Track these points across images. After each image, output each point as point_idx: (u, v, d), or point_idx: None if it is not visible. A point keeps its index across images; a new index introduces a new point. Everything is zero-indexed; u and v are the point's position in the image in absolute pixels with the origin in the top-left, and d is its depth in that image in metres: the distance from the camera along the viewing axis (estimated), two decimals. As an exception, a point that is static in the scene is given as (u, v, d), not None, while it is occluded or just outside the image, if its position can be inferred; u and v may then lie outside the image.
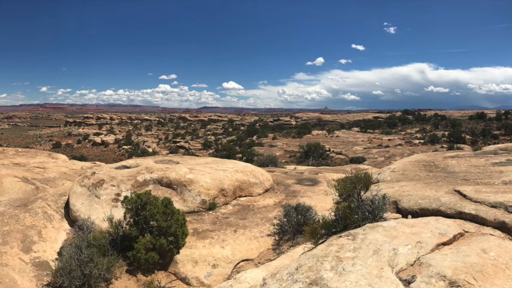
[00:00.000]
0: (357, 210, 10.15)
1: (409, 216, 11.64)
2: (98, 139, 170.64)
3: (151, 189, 17.05)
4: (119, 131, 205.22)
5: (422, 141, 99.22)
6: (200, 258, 14.65)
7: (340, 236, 9.19)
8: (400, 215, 12.13)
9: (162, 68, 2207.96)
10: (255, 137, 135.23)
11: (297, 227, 14.90)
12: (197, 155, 66.71)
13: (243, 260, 14.60)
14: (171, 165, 21.46)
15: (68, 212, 18.63)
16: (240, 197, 19.91)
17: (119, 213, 15.75)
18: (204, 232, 16.02)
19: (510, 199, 10.53)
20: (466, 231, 9.23)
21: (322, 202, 17.34)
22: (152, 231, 14.48)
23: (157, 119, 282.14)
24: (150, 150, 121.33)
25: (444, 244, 8.25)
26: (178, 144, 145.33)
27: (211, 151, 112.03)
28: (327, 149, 79.05)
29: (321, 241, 9.98)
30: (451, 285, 6.60)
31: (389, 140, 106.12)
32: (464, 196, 11.68)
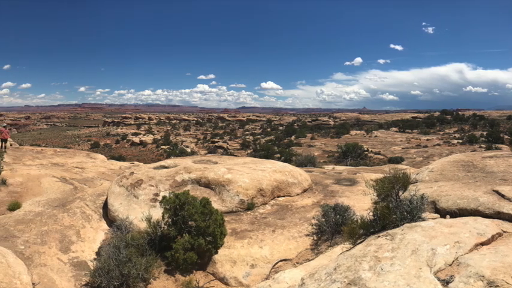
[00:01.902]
0: (395, 210, 10.28)
1: (448, 216, 11.73)
2: (136, 139, 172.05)
3: (189, 189, 17.42)
4: (157, 131, 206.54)
5: (460, 141, 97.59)
6: (238, 258, 14.94)
7: (379, 236, 9.35)
8: (439, 215, 12.23)
9: (200, 68, 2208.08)
10: (293, 137, 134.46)
11: (335, 227, 15.09)
12: (235, 155, 67.16)
13: (281, 260, 14.83)
14: (210, 165, 21.80)
15: (106, 212, 19.10)
16: (278, 197, 20.12)
17: (157, 213, 16.15)
18: (243, 232, 16.30)
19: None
20: (505, 231, 9.27)
21: (361, 202, 17.41)
22: (190, 231, 14.82)
23: (196, 119, 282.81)
24: (189, 150, 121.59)
25: (482, 244, 8.34)
26: (216, 144, 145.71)
27: (249, 151, 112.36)
28: (365, 149, 78.30)
29: (359, 241, 10.14)
30: (490, 285, 6.71)
31: (427, 140, 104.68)
32: (503, 196, 11.73)
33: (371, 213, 10.78)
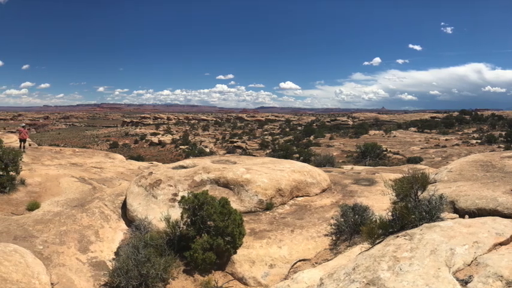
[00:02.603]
0: (414, 210, 10.32)
1: (466, 216, 11.76)
2: (155, 139, 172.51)
3: (208, 189, 17.58)
4: (176, 131, 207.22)
5: (479, 141, 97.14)
6: (257, 258, 15.06)
7: (397, 236, 9.41)
8: (457, 215, 12.27)
9: (219, 68, 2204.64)
10: (312, 137, 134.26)
11: (354, 227, 15.15)
12: (254, 155, 67.20)
13: (300, 260, 14.93)
14: (228, 165, 21.95)
15: (125, 212, 19.32)
16: (297, 197, 20.20)
17: (176, 213, 16.31)
18: (261, 232, 16.41)
19: None
20: (524, 231, 9.25)
21: (379, 202, 17.42)
22: (209, 231, 14.98)
23: (215, 119, 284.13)
24: (207, 150, 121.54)
25: (501, 244, 8.35)
26: (235, 144, 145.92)
27: (268, 151, 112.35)
28: (384, 149, 77.92)
29: (378, 241, 10.20)
30: (509, 285, 6.76)
31: (446, 140, 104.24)
32: (522, 196, 11.69)
33: (390, 213, 10.83)
